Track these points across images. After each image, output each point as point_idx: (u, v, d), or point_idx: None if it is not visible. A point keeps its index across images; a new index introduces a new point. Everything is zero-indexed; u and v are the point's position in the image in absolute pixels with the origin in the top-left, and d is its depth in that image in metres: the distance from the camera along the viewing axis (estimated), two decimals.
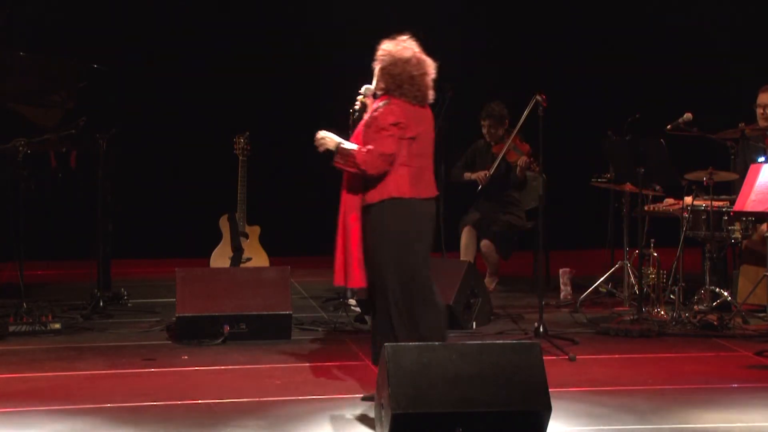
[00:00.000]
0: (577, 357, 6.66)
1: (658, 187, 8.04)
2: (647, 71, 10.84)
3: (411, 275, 5.77)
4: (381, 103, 5.85)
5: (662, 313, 7.67)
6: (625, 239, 8.32)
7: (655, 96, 10.30)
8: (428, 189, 5.90)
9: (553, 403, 4.91)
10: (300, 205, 10.69)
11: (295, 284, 8.67)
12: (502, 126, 8.85)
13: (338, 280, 5.85)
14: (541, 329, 7.05)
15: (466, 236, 8.75)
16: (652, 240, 7.88)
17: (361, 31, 10.72)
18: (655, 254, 7.83)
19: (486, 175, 8.74)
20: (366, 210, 5.81)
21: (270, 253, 8.73)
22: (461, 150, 9.04)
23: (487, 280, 8.60)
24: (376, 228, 5.76)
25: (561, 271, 8.62)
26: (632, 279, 8.15)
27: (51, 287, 9.10)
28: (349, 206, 5.86)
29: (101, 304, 8.08)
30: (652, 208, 8.03)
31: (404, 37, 5.94)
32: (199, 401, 5.76)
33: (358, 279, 5.79)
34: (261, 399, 5.80)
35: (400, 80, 5.84)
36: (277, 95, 10.69)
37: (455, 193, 8.83)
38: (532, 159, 8.49)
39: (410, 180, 5.78)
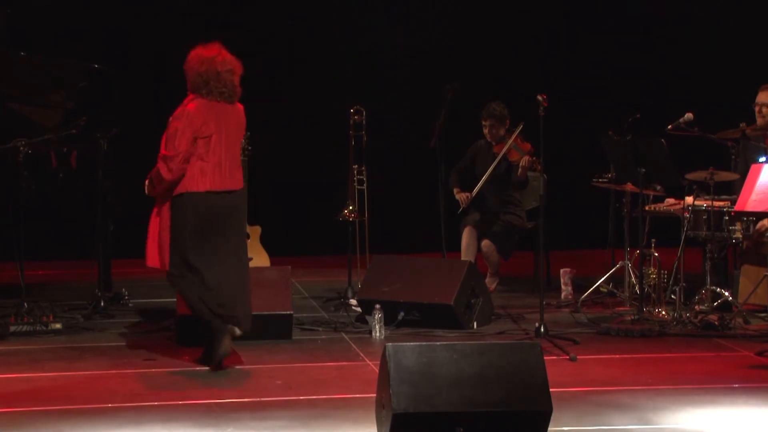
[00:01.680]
0: (578, 357, 6.65)
1: (659, 187, 8.04)
2: (648, 70, 10.83)
3: (175, 250, 6.38)
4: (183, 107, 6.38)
5: (663, 313, 7.67)
6: (626, 239, 8.31)
7: (656, 95, 10.30)
8: (229, 182, 6.39)
9: (554, 403, 4.90)
10: (301, 206, 10.70)
11: (295, 284, 8.67)
12: (503, 126, 8.85)
13: (147, 261, 6.57)
14: (542, 329, 7.04)
15: (466, 236, 8.74)
16: (653, 240, 7.88)
17: (356, 28, 10.79)
18: (656, 254, 7.82)
19: (468, 197, 8.72)
20: (172, 201, 6.37)
21: (271, 253, 8.73)
22: (462, 150, 9.03)
23: (487, 280, 8.59)
24: (172, 216, 6.36)
25: (562, 271, 8.62)
26: (633, 279, 8.15)
27: (52, 287, 9.10)
28: (163, 198, 6.43)
29: (102, 304, 8.07)
30: (652, 208, 8.02)
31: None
32: (200, 401, 5.76)
33: (150, 258, 6.53)
34: (262, 399, 5.80)
35: (207, 77, 6.32)
36: (277, 96, 10.68)
37: (462, 187, 8.82)
38: (534, 158, 8.49)
39: (207, 174, 6.31)
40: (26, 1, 9.84)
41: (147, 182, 6.46)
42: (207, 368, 6.42)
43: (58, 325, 7.41)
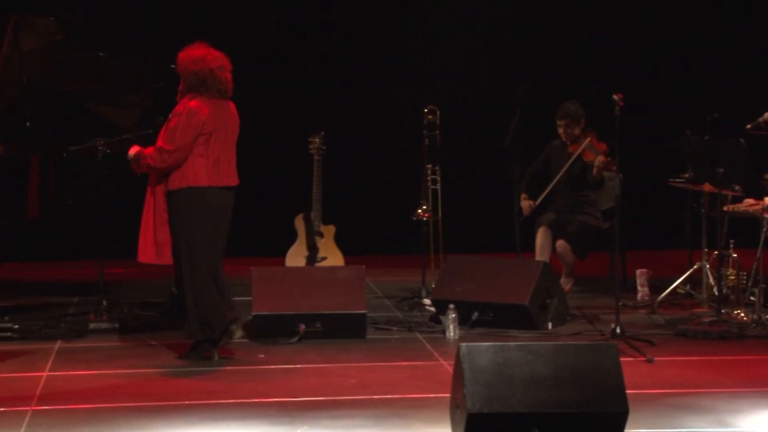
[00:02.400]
0: (655, 359, 6.58)
1: (737, 188, 7.92)
2: (727, 69, 10.68)
3: (193, 258, 6.51)
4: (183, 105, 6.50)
5: (742, 315, 7.56)
6: (704, 240, 8.21)
7: (735, 95, 10.15)
8: (227, 178, 6.60)
9: (631, 405, 4.85)
10: (375, 205, 10.72)
11: (370, 284, 8.68)
12: (578, 125, 8.78)
13: (139, 257, 6.74)
14: (618, 330, 6.98)
15: (541, 236, 8.69)
16: (732, 241, 7.76)
17: (432, 26, 10.78)
18: (735, 255, 7.71)
19: (531, 206, 8.67)
20: (168, 195, 6.54)
21: (345, 253, 8.76)
22: (536, 150, 8.98)
23: (562, 280, 8.53)
24: (173, 213, 6.52)
25: (638, 271, 8.53)
26: (711, 280, 8.04)
27: (130, 285, 9.21)
28: (156, 190, 6.60)
29: (177, 301, 8.14)
30: (731, 209, 7.91)
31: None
32: (275, 399, 5.79)
33: (142, 254, 6.73)
34: (336, 398, 5.82)
35: (202, 76, 6.47)
36: (352, 94, 10.72)
37: (530, 193, 8.78)
38: (609, 159, 8.41)
39: (206, 170, 6.49)
40: (103, 3, 9.98)
41: (133, 154, 6.66)
42: (281, 367, 6.45)
43: (135, 323, 7.50)
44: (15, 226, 7.81)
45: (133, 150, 6.69)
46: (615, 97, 7.11)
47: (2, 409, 5.57)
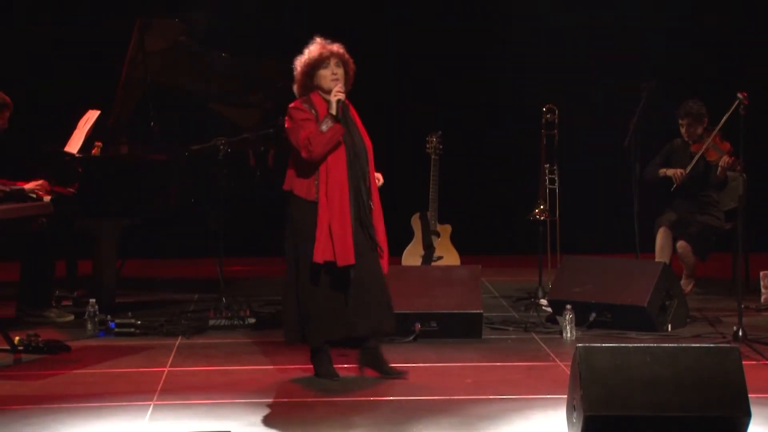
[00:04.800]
0: None
1: None
2: None
3: None
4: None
5: None
6: None
7: None
8: None
9: (753, 410, 4.75)
10: (491, 204, 10.68)
11: (486, 283, 8.66)
12: (701, 124, 8.63)
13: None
14: (740, 333, 6.84)
15: (661, 237, 8.57)
16: None
17: (550, 25, 10.69)
18: None
19: (682, 173, 8.53)
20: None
21: (461, 252, 8.75)
22: (656, 148, 8.85)
23: (683, 282, 8.40)
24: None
25: (762, 273, 8.35)
26: None
27: (249, 283, 9.34)
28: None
29: None
30: None
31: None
32: (390, 398, 5.81)
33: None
34: (452, 397, 5.81)
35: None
36: (470, 93, 10.70)
37: (650, 193, 8.66)
38: (734, 158, 8.24)
39: None
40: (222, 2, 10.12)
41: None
42: (397, 365, 6.46)
43: (254, 320, 7.61)
44: (141, 224, 7.99)
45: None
46: (739, 95, 6.97)
47: (125, 403, 5.69)
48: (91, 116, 8.16)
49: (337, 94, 5.98)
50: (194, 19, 8.54)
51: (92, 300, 7.41)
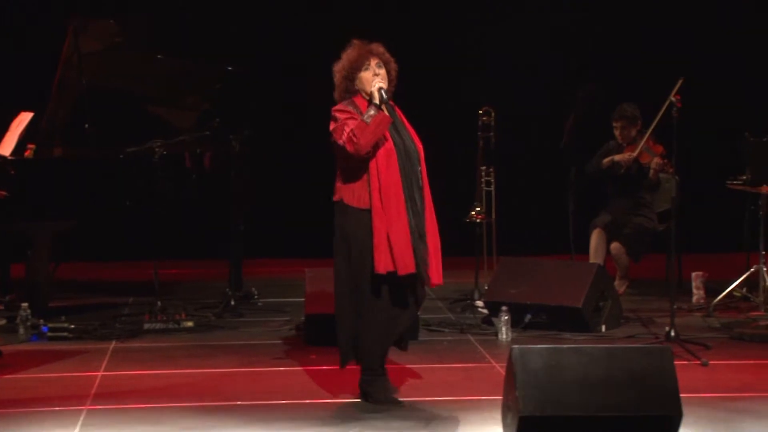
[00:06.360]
0: (710, 362, 6.51)
1: None
2: None
3: None
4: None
5: None
6: (761, 242, 8.10)
7: None
8: None
9: (685, 409, 4.81)
10: None
11: None
12: (635, 127, 8.72)
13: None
14: (673, 333, 6.91)
15: (596, 238, 8.64)
16: None
17: (486, 27, 10.74)
18: None
19: (630, 156, 8.56)
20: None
21: None
22: (592, 151, 8.92)
23: (617, 282, 8.48)
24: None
25: (694, 274, 8.45)
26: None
27: (184, 286, 9.28)
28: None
29: (233, 303, 8.20)
30: None
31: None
32: (327, 400, 5.81)
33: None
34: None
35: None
36: (412, 96, 10.69)
37: (585, 195, 8.73)
38: (666, 161, 8.35)
39: None
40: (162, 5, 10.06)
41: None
42: (335, 368, 6.45)
43: (190, 324, 7.56)
44: (75, 226, 7.90)
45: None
46: (673, 98, 7.05)
47: (58, 408, 5.63)
48: (24, 118, 8.05)
49: (377, 83, 5.64)
50: (131, 21, 8.47)
51: (24, 304, 7.32)
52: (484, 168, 8.54)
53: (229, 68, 8.56)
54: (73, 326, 7.31)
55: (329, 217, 9.68)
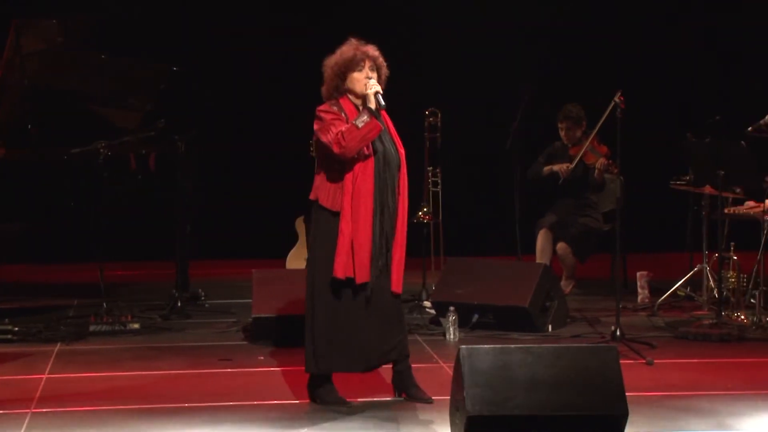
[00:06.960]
0: (655, 361, 6.58)
1: (738, 190, 7.92)
2: (728, 72, 10.68)
3: None
4: None
5: (742, 317, 7.55)
6: (705, 242, 8.21)
7: (736, 97, 10.15)
8: None
9: (630, 408, 4.86)
10: None
11: None
12: (579, 128, 8.79)
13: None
14: (618, 333, 6.97)
15: (542, 239, 8.70)
16: (732, 243, 7.76)
17: (431, 27, 10.77)
18: (735, 258, 7.71)
19: (568, 167, 8.64)
20: None
21: None
22: (537, 151, 8.98)
23: (563, 282, 8.53)
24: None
25: (638, 274, 8.53)
26: (711, 283, 8.04)
27: (131, 288, 9.21)
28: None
29: (179, 304, 8.15)
30: (732, 211, 7.90)
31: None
32: (275, 402, 5.79)
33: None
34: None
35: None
36: None
37: (531, 195, 8.78)
38: (610, 161, 8.42)
39: None
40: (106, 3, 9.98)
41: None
42: (282, 369, 6.45)
43: (136, 325, 7.51)
44: (18, 228, 7.83)
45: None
46: (616, 99, 7.10)
47: (2, 411, 5.57)
48: None
49: (373, 86, 5.60)
50: (73, 20, 8.39)
51: None
52: (430, 169, 8.57)
53: (174, 68, 8.50)
54: (16, 329, 7.24)
55: (276, 217, 9.69)
